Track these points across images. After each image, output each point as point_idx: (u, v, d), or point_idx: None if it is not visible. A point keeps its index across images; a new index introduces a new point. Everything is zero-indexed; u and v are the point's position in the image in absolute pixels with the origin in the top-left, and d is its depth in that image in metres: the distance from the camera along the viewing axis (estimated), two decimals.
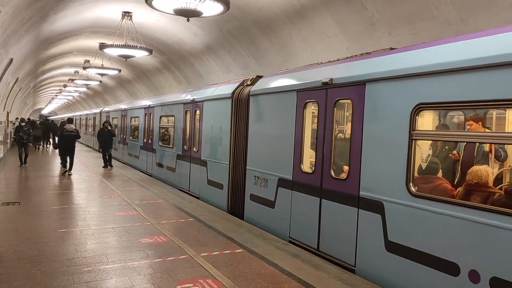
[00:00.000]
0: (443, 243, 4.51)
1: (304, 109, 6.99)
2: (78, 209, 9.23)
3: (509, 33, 4.13)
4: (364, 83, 5.71)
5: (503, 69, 4.00)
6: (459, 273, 4.31)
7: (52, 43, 20.32)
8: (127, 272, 5.46)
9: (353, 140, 5.89)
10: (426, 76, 4.79)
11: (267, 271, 5.64)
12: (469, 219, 4.24)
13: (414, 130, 4.93)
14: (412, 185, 4.94)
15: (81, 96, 53.18)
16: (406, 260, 4.94)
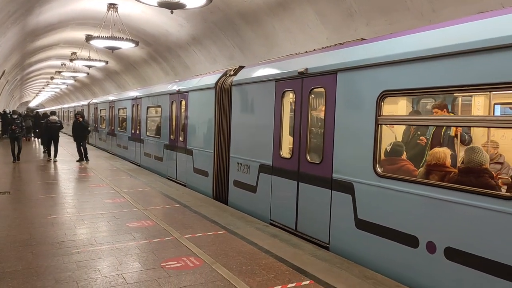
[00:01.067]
0: (405, 218, 4.93)
1: (282, 97, 7.34)
2: (67, 198, 9.53)
3: (458, 26, 4.51)
4: (335, 72, 6.07)
5: (454, 58, 4.39)
6: (418, 245, 4.73)
7: (39, 35, 20.37)
8: (115, 252, 5.80)
9: (326, 126, 6.27)
10: (389, 65, 5.18)
11: (246, 249, 6.02)
12: (427, 195, 4.65)
13: (379, 115, 5.32)
14: (378, 167, 5.34)
15: (68, 89, 52.93)
16: (373, 235, 5.36)
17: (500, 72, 4.00)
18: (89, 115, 28.02)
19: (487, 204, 4.04)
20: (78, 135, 16.91)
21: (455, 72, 4.42)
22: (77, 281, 4.76)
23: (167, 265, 5.32)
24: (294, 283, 4.83)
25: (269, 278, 4.97)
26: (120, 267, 5.24)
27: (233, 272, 5.11)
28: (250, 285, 4.73)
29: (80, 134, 16.84)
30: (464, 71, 4.34)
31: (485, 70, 4.14)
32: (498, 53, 3.99)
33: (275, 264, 5.45)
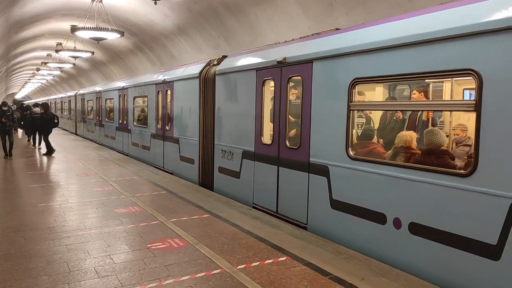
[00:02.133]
0: (374, 197, 5.30)
1: (263, 86, 7.64)
2: (57, 187, 9.76)
3: (417, 17, 4.85)
4: (311, 61, 6.38)
5: (413, 47, 4.73)
6: (386, 221, 5.11)
7: (23, 26, 20.32)
8: (103, 236, 6.10)
9: (303, 112, 6.58)
10: (360, 54, 5.49)
11: (228, 230, 6.35)
12: (393, 175, 5.01)
13: (351, 101, 5.65)
14: (350, 150, 5.68)
15: (55, 80, 52.54)
16: (346, 214, 5.74)
17: (450, 60, 4.35)
18: (76, 106, 28.04)
19: (446, 182, 4.38)
20: (42, 127, 16.47)
21: (415, 60, 4.74)
22: (67, 262, 5.06)
23: (152, 246, 5.63)
24: (271, 259, 5.17)
25: (249, 255, 5.31)
26: (108, 249, 5.53)
27: (215, 251, 5.44)
28: (230, 262, 5.06)
29: (44, 127, 16.30)
30: (421, 60, 4.66)
31: (437, 58, 4.48)
32: (450, 42, 4.34)
33: (255, 243, 5.78)
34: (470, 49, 4.16)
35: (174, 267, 4.92)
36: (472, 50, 4.14)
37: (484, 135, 4.03)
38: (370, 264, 4.99)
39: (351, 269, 4.85)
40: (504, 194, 3.85)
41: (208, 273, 4.75)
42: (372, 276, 4.67)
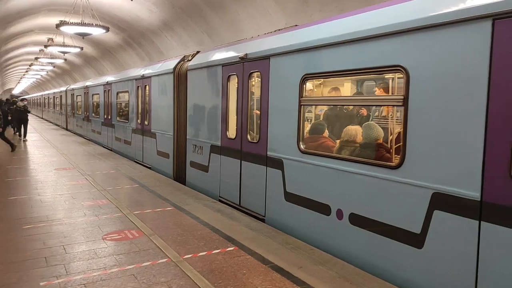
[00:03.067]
0: (320, 189, 5.48)
1: (228, 81, 7.79)
2: (32, 181, 9.90)
3: (357, 16, 5.00)
4: (268, 57, 6.52)
5: (354, 44, 4.88)
6: (330, 212, 5.29)
7: (10, 21, 20.41)
8: (63, 227, 6.25)
9: (262, 107, 6.73)
10: (309, 51, 5.64)
11: (187, 222, 6.51)
12: (336, 168, 5.18)
13: (302, 97, 5.80)
14: (301, 144, 5.84)
15: (50, 75, 52.66)
16: (298, 206, 5.91)
17: (382, 57, 4.51)
18: (66, 102, 28.16)
19: (379, 174, 4.55)
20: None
21: (354, 57, 4.90)
22: (23, 251, 5.21)
23: (108, 237, 5.79)
24: (219, 249, 5.33)
25: (199, 246, 5.47)
26: (63, 240, 5.69)
27: (167, 242, 5.60)
28: (178, 252, 5.22)
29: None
30: (359, 56, 4.83)
31: (372, 55, 4.64)
32: (382, 40, 4.50)
33: (209, 234, 5.94)
34: (399, 46, 4.31)
35: (122, 257, 5.07)
36: (400, 47, 4.29)
37: (411, 129, 4.18)
38: (313, 254, 5.16)
39: (293, 259, 5.01)
40: (427, 185, 4.02)
41: (154, 262, 4.91)
42: (311, 265, 4.83)
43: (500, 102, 3.40)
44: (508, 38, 3.31)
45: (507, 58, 3.32)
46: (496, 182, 3.44)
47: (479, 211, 3.57)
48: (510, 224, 3.35)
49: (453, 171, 3.78)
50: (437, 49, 3.92)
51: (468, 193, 3.65)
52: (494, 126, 3.45)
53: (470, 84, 3.62)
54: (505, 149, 3.37)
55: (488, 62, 3.45)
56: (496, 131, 3.43)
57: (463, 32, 3.66)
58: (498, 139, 3.41)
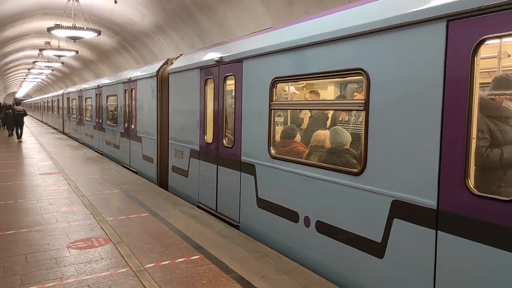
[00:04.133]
0: (289, 196, 5.30)
1: (206, 85, 7.64)
2: (13, 186, 9.78)
3: (321, 18, 4.92)
4: (241, 60, 6.37)
5: (318, 47, 4.73)
6: (298, 219, 5.11)
7: (4, 26, 20.39)
8: (31, 235, 6.12)
9: (236, 111, 6.57)
10: (278, 54, 5.47)
11: (159, 229, 6.36)
12: (303, 174, 5.00)
13: (272, 101, 5.65)
14: (272, 149, 5.68)
15: (51, 78, 52.78)
16: (269, 213, 5.74)
17: (345, 60, 4.37)
18: (63, 105, 28.17)
19: (343, 181, 4.38)
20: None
21: (318, 60, 4.77)
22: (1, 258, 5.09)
23: (73, 245, 5.65)
24: (184, 258, 5.18)
25: (164, 254, 5.32)
26: (28, 248, 5.56)
27: (133, 250, 5.45)
28: (141, 261, 5.07)
29: None
30: (323, 59, 4.69)
31: (336, 58, 4.51)
32: (344, 42, 4.34)
33: (177, 242, 5.79)
34: (359, 49, 4.17)
35: (82, 266, 4.93)
36: (361, 49, 4.15)
37: (371, 135, 4.02)
38: (280, 262, 4.99)
39: (258, 267, 4.86)
40: (387, 193, 3.85)
41: (113, 272, 4.77)
42: (275, 274, 4.67)
43: (453, 107, 3.23)
44: (461, 39, 3.17)
45: (460, 59, 3.17)
46: (451, 191, 3.27)
47: (435, 220, 3.39)
48: (465, 234, 3.18)
49: (412, 178, 3.62)
50: (395, 52, 3.77)
51: (425, 201, 3.47)
52: (448, 132, 3.28)
53: (426, 87, 3.47)
54: (459, 156, 3.20)
55: (443, 64, 3.30)
56: (450, 137, 3.26)
57: (420, 33, 3.52)
58: (452, 145, 3.25)
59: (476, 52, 3.06)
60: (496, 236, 2.97)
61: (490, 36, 2.99)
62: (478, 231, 3.08)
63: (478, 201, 3.07)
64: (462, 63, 3.14)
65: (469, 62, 3.09)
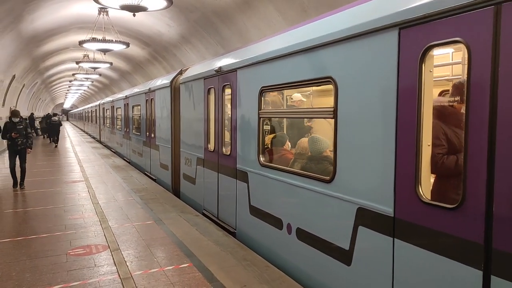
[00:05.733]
0: (275, 203, 5.35)
1: (208, 94, 7.76)
2: (37, 194, 10.25)
3: (298, 28, 5.02)
4: (236, 70, 6.46)
5: (294, 57, 4.81)
6: (282, 226, 5.12)
7: (42, 40, 21.42)
8: (37, 241, 6.40)
9: (232, 119, 6.65)
10: (263, 63, 5.56)
11: (158, 237, 6.49)
12: (286, 181, 5.01)
13: (260, 109, 5.70)
14: (261, 156, 5.71)
15: (93, 89, 54.95)
16: (259, 220, 5.77)
17: (318, 68, 4.41)
18: (98, 116, 29.27)
19: (318, 188, 4.38)
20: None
21: (295, 69, 4.80)
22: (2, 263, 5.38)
23: (72, 252, 5.86)
24: (173, 266, 5.26)
25: (155, 262, 5.42)
26: (32, 254, 5.81)
27: (127, 258, 5.58)
28: (131, 269, 5.19)
29: None
30: (299, 69, 4.73)
31: (309, 67, 4.55)
32: (316, 51, 4.38)
33: (172, 249, 5.89)
34: (328, 58, 4.20)
35: (74, 273, 5.11)
36: (330, 58, 4.18)
37: (340, 142, 4.02)
38: (265, 271, 4.98)
39: (242, 277, 4.86)
40: (353, 200, 3.82)
41: (101, 279, 4.91)
42: (257, 283, 4.66)
43: (404, 114, 3.19)
44: (411, 46, 3.14)
45: (409, 66, 3.14)
46: (404, 198, 3.22)
47: (392, 228, 3.34)
48: (415, 242, 3.13)
49: (373, 186, 3.59)
50: (357, 60, 3.79)
51: (384, 209, 3.43)
52: (401, 140, 3.24)
53: (383, 95, 3.45)
54: (411, 163, 3.14)
55: (396, 71, 3.27)
56: (403, 145, 3.22)
57: (377, 41, 3.52)
58: (405, 153, 3.21)
59: (423, 59, 3.02)
60: (442, 244, 2.91)
61: (435, 44, 2.95)
62: (427, 239, 3.03)
63: (427, 209, 3.01)
64: (412, 70, 3.11)
65: (417, 69, 3.05)
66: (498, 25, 2.51)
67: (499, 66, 2.51)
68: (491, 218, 2.58)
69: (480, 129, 2.62)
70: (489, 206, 2.60)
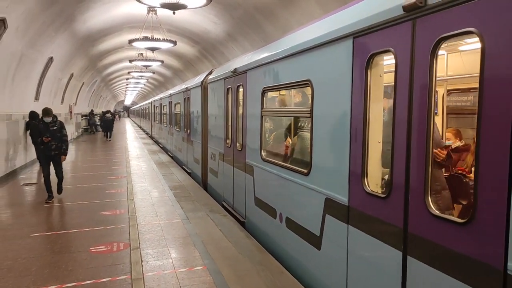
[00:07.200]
0: (271, 194, 5.84)
1: (228, 94, 8.18)
2: (80, 189, 10.59)
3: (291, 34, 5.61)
4: (246, 71, 6.94)
5: (283, 61, 5.36)
6: (276, 216, 5.57)
7: (96, 40, 22.25)
8: (64, 236, 6.57)
9: (243, 117, 7.13)
10: (265, 66, 6.02)
11: (180, 236, 6.45)
12: (278, 174, 5.46)
13: (262, 108, 6.15)
14: (263, 151, 6.17)
15: (149, 87, 56.75)
16: (260, 210, 6.24)
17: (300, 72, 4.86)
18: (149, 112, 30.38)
19: (299, 180, 4.81)
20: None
21: (285, 72, 5.37)
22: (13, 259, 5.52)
23: (93, 249, 5.91)
24: (186, 268, 5.15)
25: (170, 263, 5.33)
26: (56, 249, 5.94)
27: (144, 257, 5.55)
28: (145, 269, 5.14)
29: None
30: (287, 72, 5.28)
31: (294, 70, 5.04)
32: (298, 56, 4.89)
33: (190, 250, 5.80)
34: (307, 62, 4.66)
35: (89, 271, 5.13)
36: (308, 63, 4.63)
37: (314, 138, 4.47)
38: (278, 278, 4.75)
39: (253, 283, 4.66)
40: (322, 191, 4.21)
41: (113, 279, 4.89)
42: None
43: (355, 114, 3.58)
44: (360, 54, 3.53)
45: (359, 71, 3.52)
46: (355, 189, 3.61)
47: (347, 215, 3.73)
48: (362, 228, 3.51)
49: (336, 178, 3.96)
50: (326, 64, 4.23)
51: (342, 198, 3.81)
52: (353, 136, 3.63)
53: (342, 96, 3.81)
54: (359, 157, 3.50)
55: (351, 75, 3.66)
56: (355, 141, 3.60)
57: (339, 48, 3.91)
58: (356, 148, 3.59)
59: (369, 65, 3.40)
60: (379, 229, 3.28)
61: (376, 52, 3.31)
62: (367, 225, 3.44)
63: (368, 198, 3.40)
64: (361, 74, 3.50)
65: (363, 74, 3.45)
66: (415, 32, 2.89)
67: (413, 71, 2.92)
68: (408, 207, 2.94)
69: (401, 127, 3.00)
70: (406, 198, 2.95)
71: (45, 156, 9.11)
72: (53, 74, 19.85)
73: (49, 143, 8.80)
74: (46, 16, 13.60)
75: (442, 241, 2.63)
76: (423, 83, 2.79)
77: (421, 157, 2.80)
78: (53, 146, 8.85)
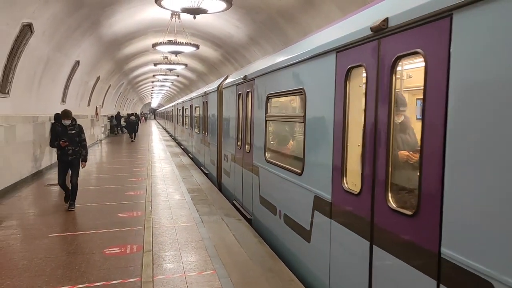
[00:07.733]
0: (273, 193, 6.30)
1: (239, 99, 8.56)
2: (101, 190, 10.79)
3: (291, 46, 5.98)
4: (254, 78, 7.37)
5: (282, 71, 5.84)
6: (276, 212, 6.05)
7: (122, 44, 22.68)
8: (80, 237, 6.69)
9: (251, 121, 7.59)
10: (268, 74, 6.47)
11: (192, 239, 6.46)
12: (278, 174, 5.96)
13: (266, 113, 6.63)
14: (267, 153, 6.68)
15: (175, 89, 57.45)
16: (264, 208, 6.74)
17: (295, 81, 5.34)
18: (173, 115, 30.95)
19: (294, 179, 5.30)
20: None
21: (283, 81, 5.83)
22: (29, 259, 5.66)
23: (107, 251, 5.99)
24: (196, 272, 5.16)
25: (181, 266, 5.36)
26: (71, 250, 6.05)
27: (156, 260, 5.59)
28: (155, 272, 5.17)
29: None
30: (285, 81, 5.73)
31: (291, 79, 5.53)
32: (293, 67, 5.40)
33: (202, 254, 5.81)
34: (301, 72, 5.13)
35: (102, 272, 5.20)
36: (302, 72, 5.10)
37: (306, 141, 4.89)
38: (287, 286, 4.70)
39: None
40: (312, 189, 4.68)
41: (123, 281, 4.94)
42: None
43: (337, 120, 4.02)
44: (341, 67, 3.97)
45: (340, 82, 3.97)
46: (336, 188, 4.05)
47: (330, 211, 4.20)
48: (341, 221, 4.00)
49: (322, 177, 4.39)
50: (315, 74, 4.68)
51: (326, 196, 4.27)
52: (335, 140, 4.08)
53: (327, 103, 4.25)
54: (340, 159, 3.97)
55: (334, 85, 4.10)
56: (337, 145, 4.04)
57: (325, 61, 4.35)
58: (337, 151, 4.04)
59: (347, 77, 3.85)
60: (353, 222, 3.73)
61: (353, 66, 3.73)
62: (345, 218, 3.92)
63: (346, 195, 3.84)
64: (342, 85, 3.94)
65: (343, 85, 3.91)
66: (379, 50, 3.30)
67: None
68: (373, 202, 3.36)
69: (369, 133, 3.44)
70: (372, 194, 3.37)
71: (62, 162, 8.54)
72: (79, 77, 20.32)
73: (66, 147, 8.31)
74: (72, 21, 13.95)
75: (398, 231, 3.03)
76: (385, 94, 3.18)
77: (383, 158, 3.20)
78: (70, 151, 8.37)
